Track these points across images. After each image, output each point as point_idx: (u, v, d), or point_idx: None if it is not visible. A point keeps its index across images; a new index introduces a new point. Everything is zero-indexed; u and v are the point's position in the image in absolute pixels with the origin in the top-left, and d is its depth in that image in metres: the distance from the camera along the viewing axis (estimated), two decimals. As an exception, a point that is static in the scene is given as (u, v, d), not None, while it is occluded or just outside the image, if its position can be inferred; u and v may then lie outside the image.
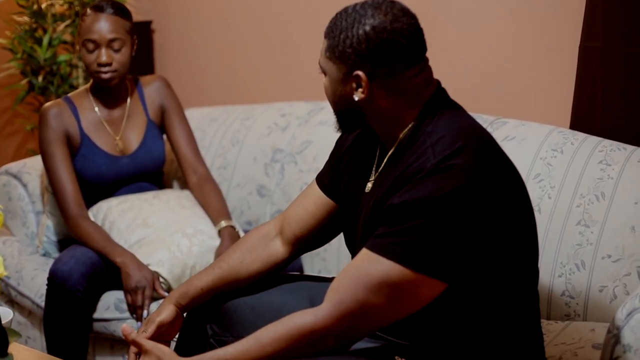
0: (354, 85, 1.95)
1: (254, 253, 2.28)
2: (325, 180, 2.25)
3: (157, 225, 3.01)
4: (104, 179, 3.10)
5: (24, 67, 4.19)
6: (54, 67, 4.15)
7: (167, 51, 4.16)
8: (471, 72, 3.34)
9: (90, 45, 3.00)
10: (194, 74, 4.11)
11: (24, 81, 4.23)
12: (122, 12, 3.05)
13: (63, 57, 4.14)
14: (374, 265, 1.87)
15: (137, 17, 4.17)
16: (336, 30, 1.94)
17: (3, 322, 2.04)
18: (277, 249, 2.29)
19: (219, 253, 2.96)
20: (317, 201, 2.26)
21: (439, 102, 1.99)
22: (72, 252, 2.91)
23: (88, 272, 2.85)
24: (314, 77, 3.67)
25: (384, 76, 1.93)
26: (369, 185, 2.05)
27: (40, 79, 4.15)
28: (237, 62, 3.97)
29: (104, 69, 3.00)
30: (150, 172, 3.20)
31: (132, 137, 3.16)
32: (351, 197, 2.13)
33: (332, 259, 3.05)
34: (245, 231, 3.16)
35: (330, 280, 2.28)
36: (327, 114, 3.22)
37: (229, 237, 3.01)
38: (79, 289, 2.81)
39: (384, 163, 2.02)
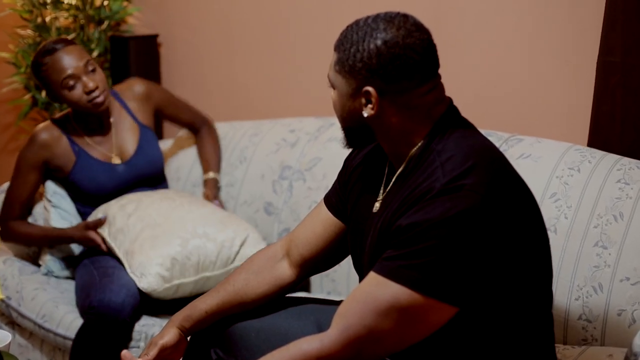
0: (363, 100, 1.93)
1: (260, 275, 2.26)
2: (333, 200, 2.24)
3: (156, 217, 3.05)
4: (103, 188, 3.15)
5: (28, 81, 4.20)
6: (58, 81, 4.16)
7: (173, 65, 4.16)
8: (486, 88, 3.33)
9: (70, 82, 3.04)
10: (201, 87, 4.11)
11: (28, 96, 4.24)
12: (72, 42, 3.11)
13: (67, 71, 4.14)
14: (382, 289, 1.85)
15: (142, 30, 4.19)
16: (347, 43, 1.92)
17: (0, 346, 2.03)
18: (284, 271, 2.27)
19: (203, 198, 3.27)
20: (325, 222, 2.24)
21: (450, 120, 1.97)
22: (119, 281, 2.91)
23: (136, 304, 2.89)
24: (323, 92, 3.66)
25: (394, 92, 1.91)
26: (377, 205, 2.04)
27: (43, 94, 4.16)
28: (244, 76, 3.97)
29: (95, 94, 3.05)
30: (149, 176, 3.25)
31: (127, 145, 3.21)
32: (359, 218, 2.11)
33: (341, 280, 3.04)
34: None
35: (338, 303, 2.26)
36: (337, 130, 3.17)
37: (210, 187, 3.33)
38: (127, 320, 2.84)
39: (392, 182, 2.01)
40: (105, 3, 4.15)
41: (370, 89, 1.91)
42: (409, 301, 1.83)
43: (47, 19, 4.15)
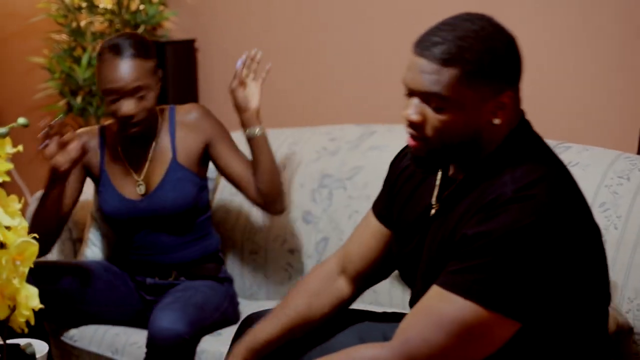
0: (493, 108, 1.88)
1: (321, 297, 2.25)
2: (380, 207, 2.22)
3: None
4: (119, 216, 3.05)
5: (63, 87, 4.23)
6: (93, 87, 4.19)
7: (211, 70, 4.18)
8: (532, 93, 3.30)
9: (110, 97, 2.88)
10: (239, 94, 4.12)
11: (62, 102, 4.28)
12: (145, 51, 2.92)
13: (103, 77, 4.17)
14: (446, 303, 1.83)
15: (179, 35, 4.22)
16: (471, 52, 1.83)
17: (38, 356, 2.05)
18: (343, 288, 2.26)
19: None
20: (376, 234, 2.22)
21: (524, 129, 1.96)
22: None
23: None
24: (363, 98, 3.68)
25: (516, 93, 1.91)
26: (433, 211, 2.01)
27: (79, 99, 4.19)
28: (283, 82, 3.97)
29: (128, 120, 2.90)
30: (168, 215, 3.04)
31: (154, 179, 3.05)
32: (408, 223, 2.09)
33: (383, 291, 3.03)
34: (289, 262, 3.15)
35: (380, 315, 2.27)
36: (378, 138, 3.21)
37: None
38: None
39: (453, 187, 1.98)
40: (142, 7, 4.18)
41: (510, 92, 1.88)
42: (473, 316, 1.81)
43: (82, 23, 4.19)
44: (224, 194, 3.52)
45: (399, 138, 3.09)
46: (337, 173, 3.25)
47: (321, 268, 2.30)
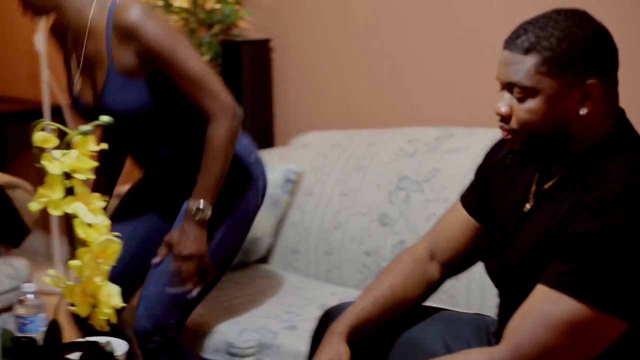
0: (579, 97, 1.88)
1: (414, 278, 2.26)
2: (472, 201, 2.22)
3: None
4: (80, 113, 2.81)
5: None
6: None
7: (286, 71, 4.18)
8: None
9: None
10: (315, 95, 4.12)
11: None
12: None
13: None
14: (556, 305, 1.83)
15: (254, 34, 4.23)
16: (550, 40, 1.86)
17: (117, 354, 2.07)
18: (433, 272, 2.28)
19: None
20: (464, 227, 2.23)
21: (626, 125, 1.95)
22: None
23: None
24: (442, 100, 3.66)
25: (606, 85, 1.89)
26: (528, 205, 2.01)
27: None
28: (360, 82, 3.97)
29: None
30: (126, 120, 2.69)
31: (97, 82, 2.70)
32: (503, 215, 2.09)
33: (460, 297, 3.01)
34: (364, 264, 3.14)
35: (461, 315, 2.30)
36: (457, 141, 3.20)
37: (179, 227, 2.70)
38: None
39: (553, 182, 1.98)
40: (217, 6, 4.20)
41: (594, 81, 1.87)
42: (585, 317, 1.81)
43: (159, 22, 4.22)
44: (300, 192, 3.53)
45: (478, 141, 3.10)
46: (414, 175, 3.24)
47: (411, 252, 2.31)
